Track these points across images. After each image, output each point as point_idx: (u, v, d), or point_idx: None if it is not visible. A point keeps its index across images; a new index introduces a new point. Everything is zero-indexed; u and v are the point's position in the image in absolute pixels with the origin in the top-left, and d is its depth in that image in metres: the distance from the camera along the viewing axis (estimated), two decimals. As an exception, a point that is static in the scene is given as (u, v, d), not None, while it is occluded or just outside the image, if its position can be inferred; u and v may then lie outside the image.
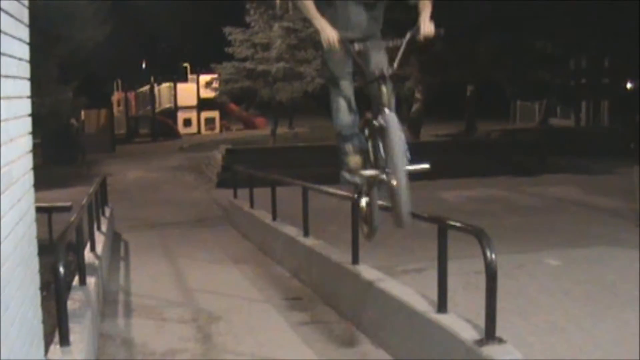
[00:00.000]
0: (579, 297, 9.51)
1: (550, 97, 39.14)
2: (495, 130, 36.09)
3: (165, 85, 55.38)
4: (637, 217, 14.33)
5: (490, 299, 5.83)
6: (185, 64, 56.40)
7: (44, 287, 5.68)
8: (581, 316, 8.72)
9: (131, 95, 55.82)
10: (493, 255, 5.79)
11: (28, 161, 5.16)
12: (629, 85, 36.48)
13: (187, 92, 55.15)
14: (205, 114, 55.42)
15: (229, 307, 9.72)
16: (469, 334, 6.05)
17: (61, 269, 5.98)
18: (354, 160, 6.43)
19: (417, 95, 33.95)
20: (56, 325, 5.99)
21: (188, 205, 21.56)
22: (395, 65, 5.88)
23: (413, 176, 5.44)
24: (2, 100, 4.31)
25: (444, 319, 6.45)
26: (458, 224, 6.55)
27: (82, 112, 40.06)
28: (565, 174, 24.35)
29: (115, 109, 51.51)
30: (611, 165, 23.46)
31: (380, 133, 5.79)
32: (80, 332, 6.26)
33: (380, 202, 6.48)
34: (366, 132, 6.38)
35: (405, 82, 33.57)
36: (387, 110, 5.80)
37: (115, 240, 14.86)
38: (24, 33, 5.06)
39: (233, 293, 10.50)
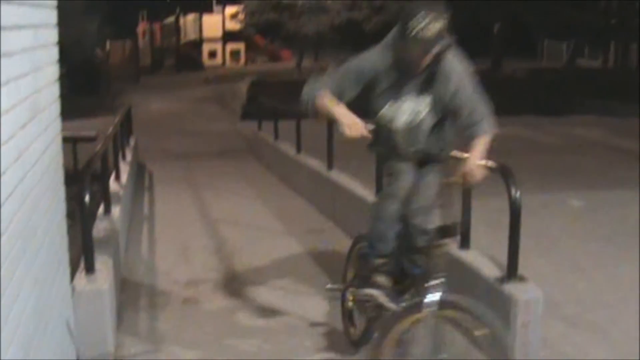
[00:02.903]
0: (600, 239, 9.52)
1: (579, 37, 38.69)
2: (521, 69, 35.79)
3: (190, 16, 55.23)
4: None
5: (513, 237, 5.83)
6: (211, -5, 56.10)
7: (70, 215, 5.74)
8: (602, 257, 8.74)
9: (156, 26, 55.74)
10: (517, 193, 5.77)
11: (55, 90, 5.19)
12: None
13: (213, 23, 55.05)
14: (230, 46, 55.38)
15: (251, 238, 9.80)
16: (490, 271, 6.07)
17: (86, 198, 6.02)
18: (379, 275, 5.61)
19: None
20: (82, 253, 6.06)
21: (212, 136, 21.61)
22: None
23: None
24: (30, 29, 4.33)
25: (467, 256, 6.47)
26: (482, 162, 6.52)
27: (107, 43, 40.01)
28: (591, 115, 24.17)
29: (140, 40, 51.42)
30: (638, 108, 23.25)
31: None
32: (105, 261, 6.33)
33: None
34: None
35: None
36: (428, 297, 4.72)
37: (139, 170, 14.95)
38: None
39: (256, 224, 10.58)
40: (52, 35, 5.06)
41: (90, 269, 6.01)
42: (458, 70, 5.18)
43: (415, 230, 5.38)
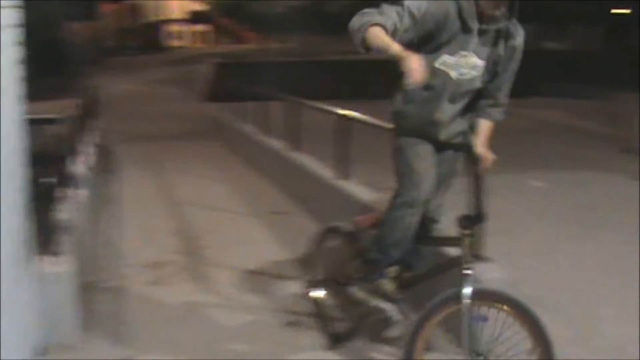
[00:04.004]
0: (561, 219, 9.63)
1: (543, 20, 38.84)
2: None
3: (155, -3, 54.85)
4: (622, 141, 14.41)
5: (477, 213, 5.86)
6: (176, -24, 55.80)
7: (34, 198, 5.73)
8: (563, 237, 8.84)
9: (121, 7, 55.28)
10: (481, 172, 5.80)
11: (18, 71, 5.16)
12: (619, 10, 36.29)
13: (178, 4, 54.68)
14: (196, 27, 55.07)
15: (216, 220, 9.83)
16: (455, 251, 6.11)
17: (51, 180, 6.01)
18: (388, 283, 5.35)
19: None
20: (46, 236, 6.04)
21: (177, 118, 21.56)
22: None
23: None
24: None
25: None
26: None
27: (71, 24, 39.67)
28: (554, 98, 24.31)
29: (103, 21, 51.00)
30: (601, 90, 23.43)
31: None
32: (70, 243, 6.32)
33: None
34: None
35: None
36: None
37: (104, 152, 14.88)
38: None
39: (221, 206, 10.60)
40: (14, 16, 5.04)
41: (54, 252, 6.00)
42: (522, 36, 4.92)
43: (429, 222, 5.28)
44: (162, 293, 7.17)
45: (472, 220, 4.76)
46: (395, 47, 4.35)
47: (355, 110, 9.09)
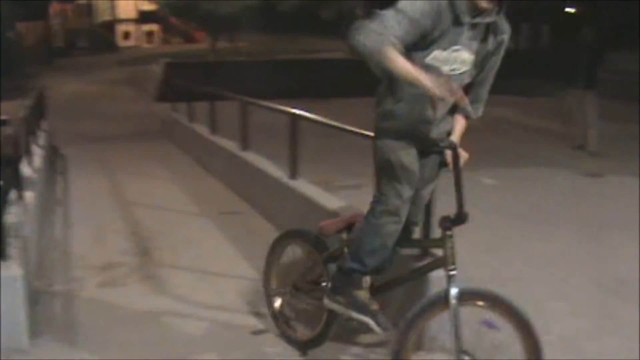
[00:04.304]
0: (512, 216, 9.71)
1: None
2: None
3: (104, -4, 54.44)
4: (572, 139, 14.56)
5: (427, 214, 5.91)
6: (125, -25, 55.40)
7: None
8: (514, 234, 8.93)
9: (69, 6, 54.75)
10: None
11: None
12: (568, 9, 36.66)
13: (127, 4, 54.30)
14: (145, 27, 54.75)
15: (167, 221, 9.79)
16: (406, 250, 6.13)
17: (-2, 183, 5.94)
18: (365, 293, 5.17)
19: (359, 11, 33.76)
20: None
21: (127, 119, 21.42)
22: None
23: (351, 93, 5.24)
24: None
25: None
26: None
27: (19, 25, 39.26)
28: (504, 95, 24.38)
29: (52, 21, 50.53)
30: (550, 87, 23.62)
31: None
32: (18, 246, 6.26)
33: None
34: None
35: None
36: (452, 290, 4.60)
37: (53, 154, 14.74)
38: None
39: (171, 207, 10.56)
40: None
41: (3, 255, 5.94)
42: (509, 32, 4.83)
43: (409, 224, 5.16)
44: (114, 295, 7.13)
45: (454, 221, 4.76)
46: (413, 73, 4.31)
47: (307, 110, 9.10)
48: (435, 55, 4.57)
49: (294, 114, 8.98)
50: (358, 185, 9.89)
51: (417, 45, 4.51)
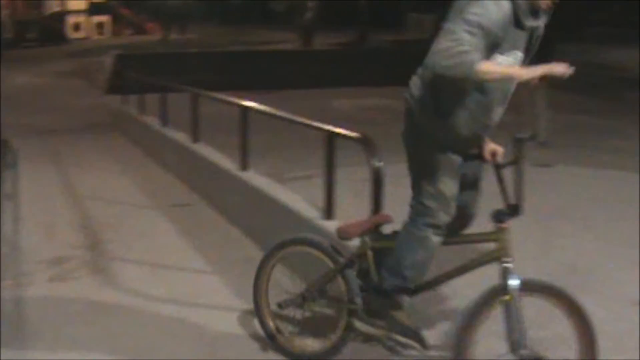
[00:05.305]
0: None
1: (441, 10, 39.34)
2: (387, 41, 36.20)
3: (53, -13, 53.87)
4: (523, 129, 14.67)
5: (375, 205, 5.94)
6: (75, -34, 54.84)
7: None
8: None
9: (18, -3, 54.11)
10: (378, 163, 5.88)
11: None
12: None
13: (82, -5, 53.81)
14: (95, 19, 54.25)
15: (118, 214, 9.74)
16: (355, 240, 6.16)
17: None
18: (405, 315, 4.97)
19: (310, 3, 33.81)
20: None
21: (77, 111, 21.23)
22: None
23: (302, 84, 5.17)
24: None
25: (331, 226, 6.55)
26: (344, 132, 6.61)
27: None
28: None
29: (1, 12, 49.91)
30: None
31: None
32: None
33: None
34: None
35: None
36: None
37: (2, 147, 14.58)
38: None
39: (122, 200, 10.51)
40: None
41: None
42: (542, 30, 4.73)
43: (466, 217, 5.15)
44: (64, 289, 7.09)
45: (508, 214, 4.76)
46: (510, 71, 4.39)
47: (259, 101, 9.11)
48: (499, 62, 4.48)
49: (243, 106, 8.99)
50: (309, 177, 9.91)
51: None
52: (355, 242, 5.35)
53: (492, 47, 4.40)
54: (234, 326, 6.14)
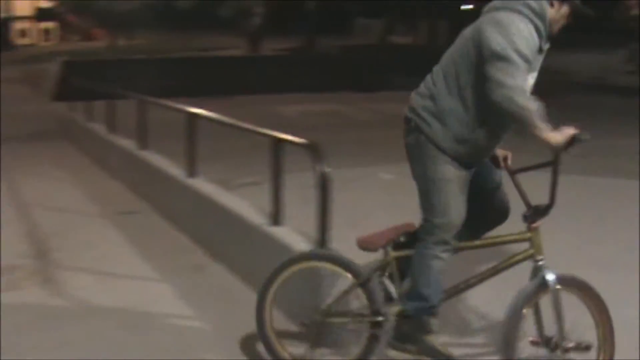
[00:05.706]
0: (409, 210, 9.81)
1: (390, 15, 39.57)
2: (335, 46, 36.31)
3: (-2, -7, 53.27)
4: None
5: (322, 211, 5.97)
6: (22, -29, 54.33)
7: None
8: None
9: (-39, 3, 53.44)
10: (325, 169, 5.90)
11: None
12: (464, 7, 37.26)
13: (24, 1, 53.30)
14: (42, 25, 53.83)
15: (65, 223, 9.67)
16: (302, 245, 6.18)
17: None
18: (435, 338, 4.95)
19: (257, 8, 33.81)
20: None
21: (23, 119, 21.00)
22: None
23: (249, 90, 5.13)
24: None
25: (278, 232, 6.59)
26: (290, 138, 6.63)
27: None
28: (402, 92, 24.59)
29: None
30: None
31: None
32: None
33: None
34: None
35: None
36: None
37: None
38: None
39: (69, 208, 10.44)
40: None
41: None
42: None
43: (499, 216, 5.17)
44: (11, 299, 7.01)
45: (540, 214, 4.79)
46: (550, 138, 4.44)
47: (206, 108, 9.12)
48: (530, 81, 4.61)
49: (190, 113, 8.99)
50: (257, 183, 9.93)
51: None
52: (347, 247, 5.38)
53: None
54: (183, 334, 6.14)
